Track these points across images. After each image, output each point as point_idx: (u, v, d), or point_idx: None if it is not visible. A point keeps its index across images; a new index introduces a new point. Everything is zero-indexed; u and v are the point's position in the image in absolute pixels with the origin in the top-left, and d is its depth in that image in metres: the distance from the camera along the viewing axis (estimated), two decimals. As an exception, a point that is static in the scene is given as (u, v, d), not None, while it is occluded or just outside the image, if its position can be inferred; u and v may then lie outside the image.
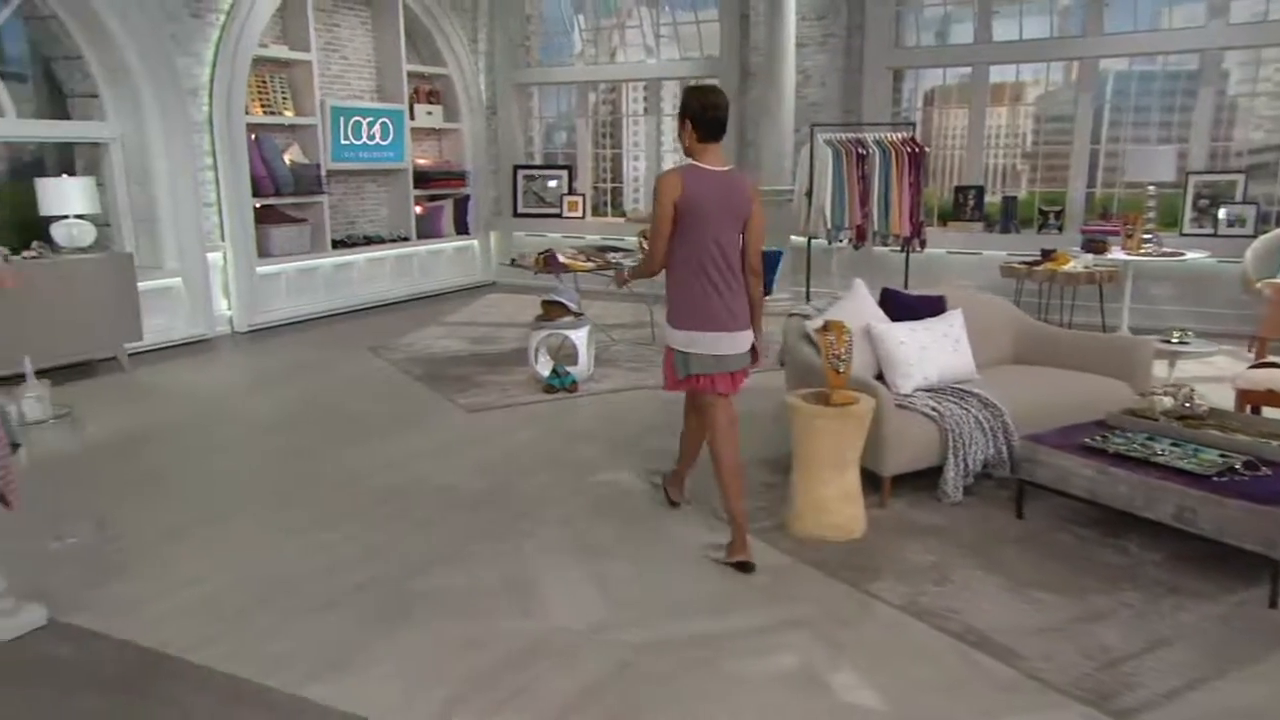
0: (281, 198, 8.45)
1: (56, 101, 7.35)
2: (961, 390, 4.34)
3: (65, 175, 6.51)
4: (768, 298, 7.26)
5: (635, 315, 8.43)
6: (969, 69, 8.49)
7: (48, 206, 6.18)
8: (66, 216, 6.26)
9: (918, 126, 8.20)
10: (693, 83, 3.99)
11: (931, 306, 4.72)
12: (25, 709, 2.74)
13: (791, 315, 4.87)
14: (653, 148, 10.48)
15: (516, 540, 3.87)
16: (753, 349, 3.70)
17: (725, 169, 3.57)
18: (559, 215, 10.65)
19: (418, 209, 10.05)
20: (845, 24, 8.73)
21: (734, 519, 3.64)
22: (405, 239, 9.88)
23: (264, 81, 8.43)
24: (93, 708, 2.73)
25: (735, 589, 3.45)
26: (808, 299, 8.25)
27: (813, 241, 8.06)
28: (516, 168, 10.87)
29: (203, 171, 7.68)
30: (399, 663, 2.94)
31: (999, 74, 8.50)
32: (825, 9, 8.75)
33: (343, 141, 8.96)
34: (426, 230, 10.17)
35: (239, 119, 7.90)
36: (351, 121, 9.05)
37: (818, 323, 4.40)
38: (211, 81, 7.68)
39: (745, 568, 3.53)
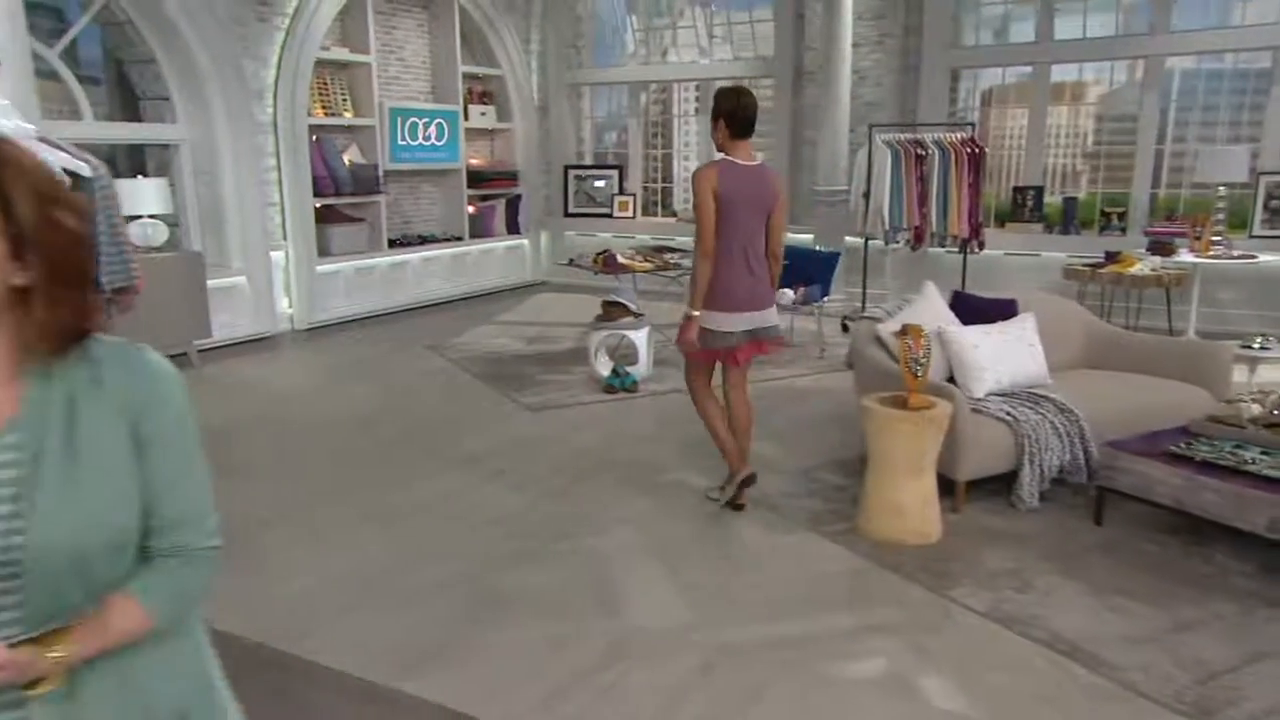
0: (341, 198, 8.58)
1: (129, 104, 7.53)
2: (1035, 395, 4.31)
3: (139, 176, 6.67)
4: (825, 299, 7.27)
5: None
6: (1029, 68, 8.38)
7: (124, 206, 6.33)
8: (141, 216, 6.42)
9: (976, 127, 8.11)
10: (729, 84, 4.32)
11: (1002, 310, 4.68)
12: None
13: (861, 318, 4.85)
14: (704, 147, 10.46)
15: (592, 539, 3.92)
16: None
17: (755, 163, 4.04)
18: (609, 215, 10.69)
19: (470, 209, 10.15)
20: (902, 24, 8.67)
21: (743, 458, 4.20)
22: (458, 238, 9.98)
23: (325, 83, 8.57)
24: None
25: (815, 591, 3.47)
26: (863, 301, 8.22)
27: (868, 243, 8.02)
28: (567, 168, 10.93)
29: (267, 172, 7.83)
30: (492, 658, 3.00)
31: (1060, 73, 8.38)
32: (882, 9, 8.69)
33: (400, 142, 9.08)
34: (479, 230, 10.26)
35: (302, 120, 8.04)
36: (409, 123, 9.16)
37: (892, 326, 4.40)
38: (276, 84, 7.83)
39: (750, 480, 4.15)
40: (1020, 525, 3.98)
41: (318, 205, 8.32)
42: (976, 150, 7.52)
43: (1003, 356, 4.37)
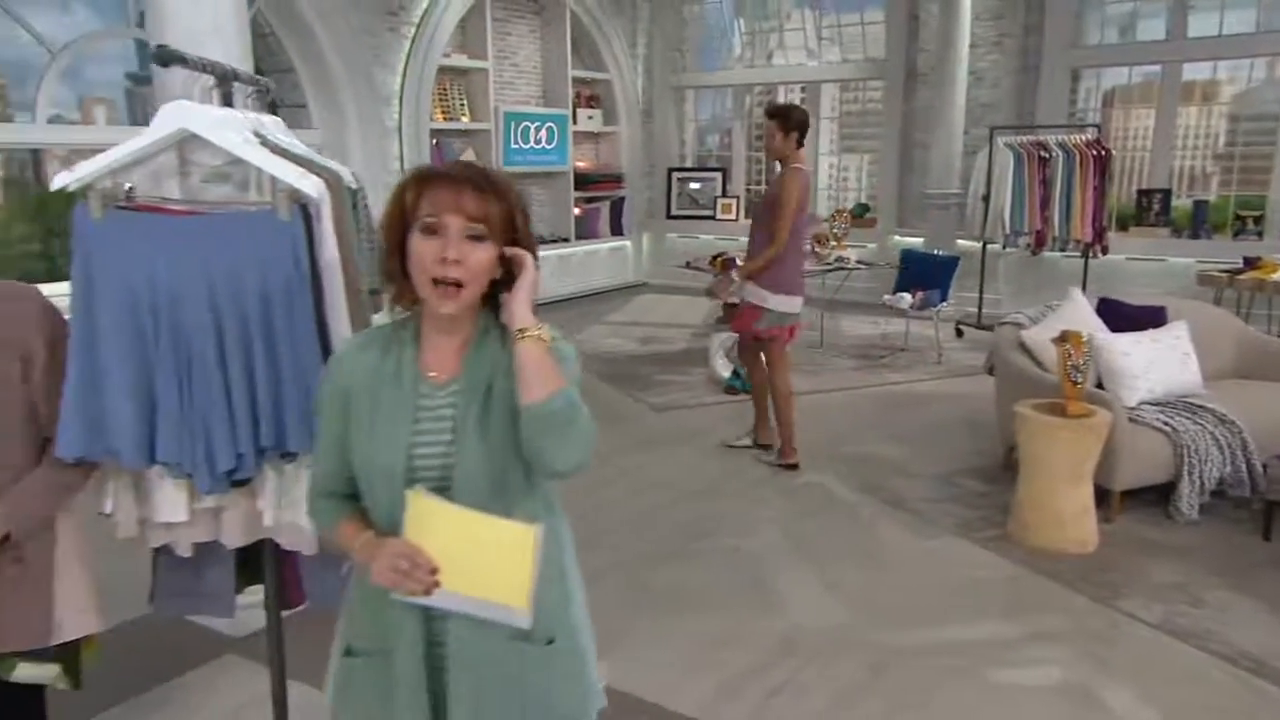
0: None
1: (269, 112, 7.89)
2: (1192, 404, 4.20)
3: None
4: (943, 304, 7.18)
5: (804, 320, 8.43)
6: (1157, 67, 8.11)
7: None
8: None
9: (1100, 128, 7.89)
10: (782, 101, 5.04)
11: (1152, 317, 4.57)
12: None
13: (1003, 323, 4.79)
14: (810, 149, 10.43)
15: (735, 539, 3.97)
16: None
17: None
18: (712, 217, 10.73)
19: (577, 210, 10.31)
20: (1022, 23, 8.49)
21: (786, 430, 4.77)
22: (565, 239, 10.16)
23: (445, 89, 8.83)
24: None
25: (971, 597, 3.46)
26: (979, 306, 8.09)
27: (985, 247, 7.90)
28: (670, 170, 11.02)
29: (391, 175, 8.10)
30: (662, 650, 3.08)
31: (1191, 72, 8.09)
32: (1001, 9, 8.52)
33: (513, 145, 9.28)
34: (584, 231, 10.42)
35: (425, 125, 8.30)
36: (521, 126, 9.36)
37: (1040, 332, 4.35)
38: (402, 90, 8.10)
39: (794, 468, 4.70)
40: (1180, 538, 3.89)
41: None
42: (1102, 152, 7.34)
43: (1155, 365, 4.26)
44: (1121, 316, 4.60)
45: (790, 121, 4.58)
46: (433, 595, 1.31)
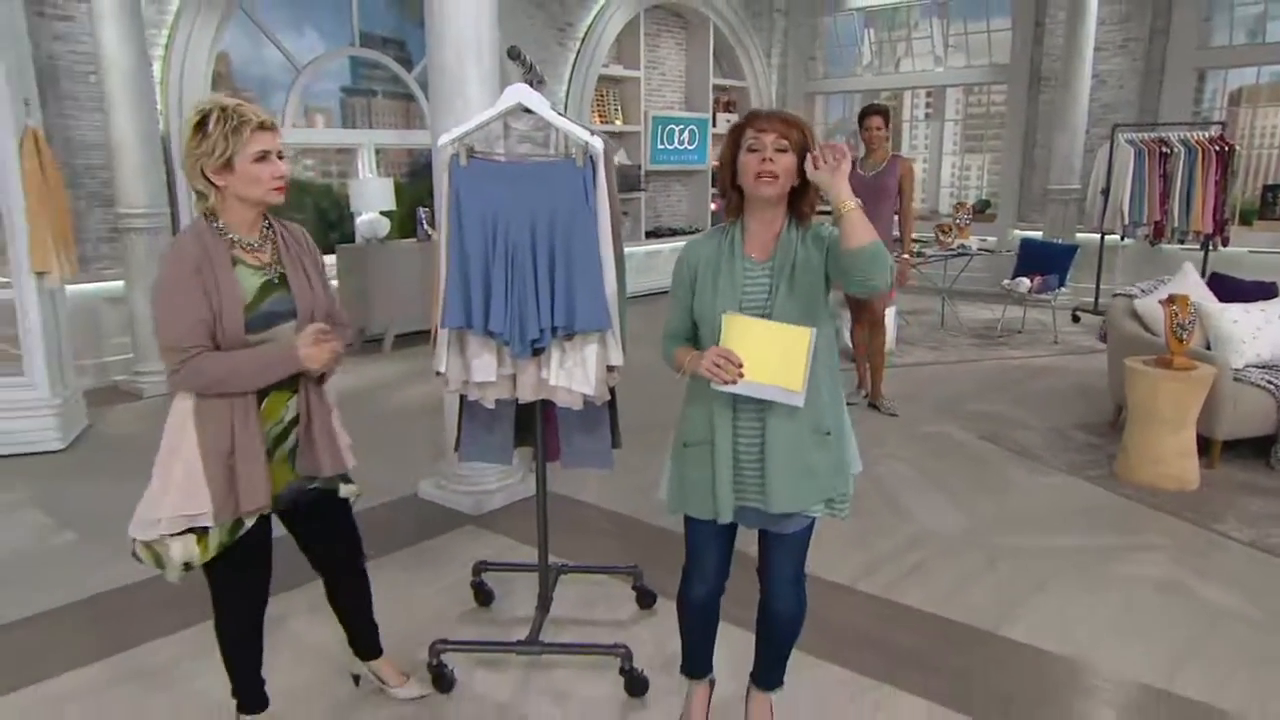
0: (611, 194, 9.54)
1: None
2: (1297, 368, 4.43)
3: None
4: (1061, 288, 7.41)
5: (924, 304, 8.77)
6: (1285, 67, 8.07)
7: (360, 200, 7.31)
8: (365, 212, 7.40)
9: (1225, 125, 7.91)
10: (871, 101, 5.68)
11: (1264, 291, 4.80)
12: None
13: (1116, 295, 5.10)
14: (934, 150, 10.70)
15: (871, 467, 4.44)
16: None
17: None
18: (838, 213, 11.09)
19: (713, 205, 10.89)
20: (1148, 26, 8.56)
21: (880, 375, 5.47)
22: (702, 229, 10.75)
23: (602, 95, 9.57)
24: (599, 545, 3.60)
25: (1082, 517, 3.85)
26: (1096, 295, 8.23)
27: (1104, 238, 8.04)
28: (800, 169, 11.45)
29: (556, 171, 8.87)
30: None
31: (1321, 71, 8.00)
32: (1128, 13, 8.62)
33: (659, 146, 9.95)
34: (719, 222, 10.97)
35: (597, 129, 9.04)
36: (666, 128, 10.02)
37: (1152, 300, 4.66)
38: (567, 97, 8.88)
39: (884, 408, 5.39)
40: (1277, 482, 4.16)
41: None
42: (1225, 148, 7.39)
43: (1263, 332, 4.51)
44: (1232, 290, 4.84)
45: (889, 117, 5.19)
46: (738, 385, 1.89)
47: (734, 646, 2.57)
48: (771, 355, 1.89)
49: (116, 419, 5.44)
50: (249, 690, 2.35)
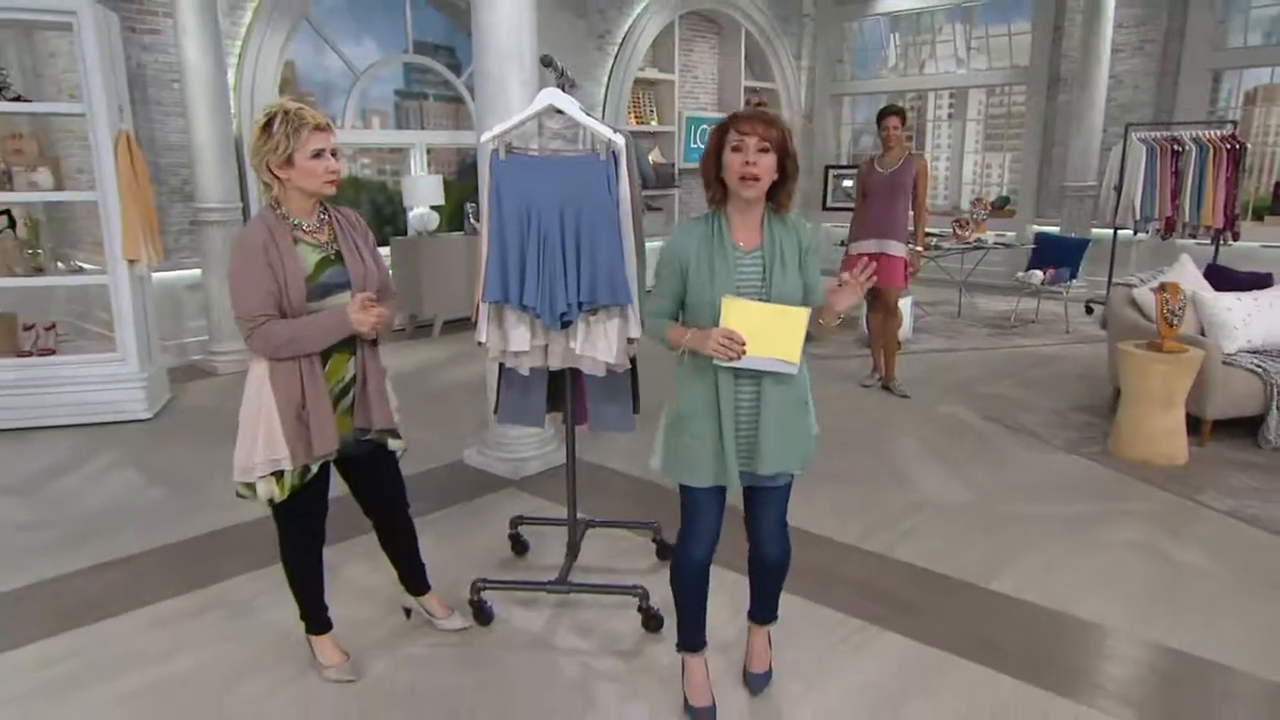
0: (646, 190, 9.75)
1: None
2: (1287, 353, 4.50)
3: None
4: (1072, 280, 7.46)
5: (943, 295, 8.86)
6: (1301, 67, 8.00)
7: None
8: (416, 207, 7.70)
9: (1238, 125, 7.87)
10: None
11: (1258, 282, 4.87)
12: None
13: (1117, 285, 5.19)
14: (956, 150, 10.73)
15: (882, 444, 4.64)
16: None
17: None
18: (863, 209, 11.18)
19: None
20: (1164, 29, 8.53)
21: (894, 359, 5.69)
22: (732, 227, 10.89)
23: (638, 97, 9.78)
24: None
25: (1075, 489, 3.99)
26: (1108, 288, 8.23)
27: (1117, 233, 8.05)
28: (828, 167, 11.55)
29: (594, 169, 9.10)
30: (821, 506, 3.80)
31: (1335, 71, 7.91)
32: (1145, 16, 8.59)
33: (692, 145, 10.13)
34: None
35: (622, 127, 9.24)
36: (700, 129, 10.19)
37: (1149, 286, 4.76)
38: (605, 99, 9.10)
39: (895, 390, 5.57)
40: (1262, 459, 4.26)
41: (629, 196, 9.52)
42: (1236, 145, 7.37)
43: (1254, 319, 4.59)
44: (1227, 280, 4.92)
45: (906, 118, 5.37)
46: (741, 360, 2.08)
47: (731, 591, 2.78)
48: (770, 333, 2.07)
49: (195, 393, 5.81)
50: (314, 614, 2.63)
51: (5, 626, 2.89)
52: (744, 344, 2.05)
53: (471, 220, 7.85)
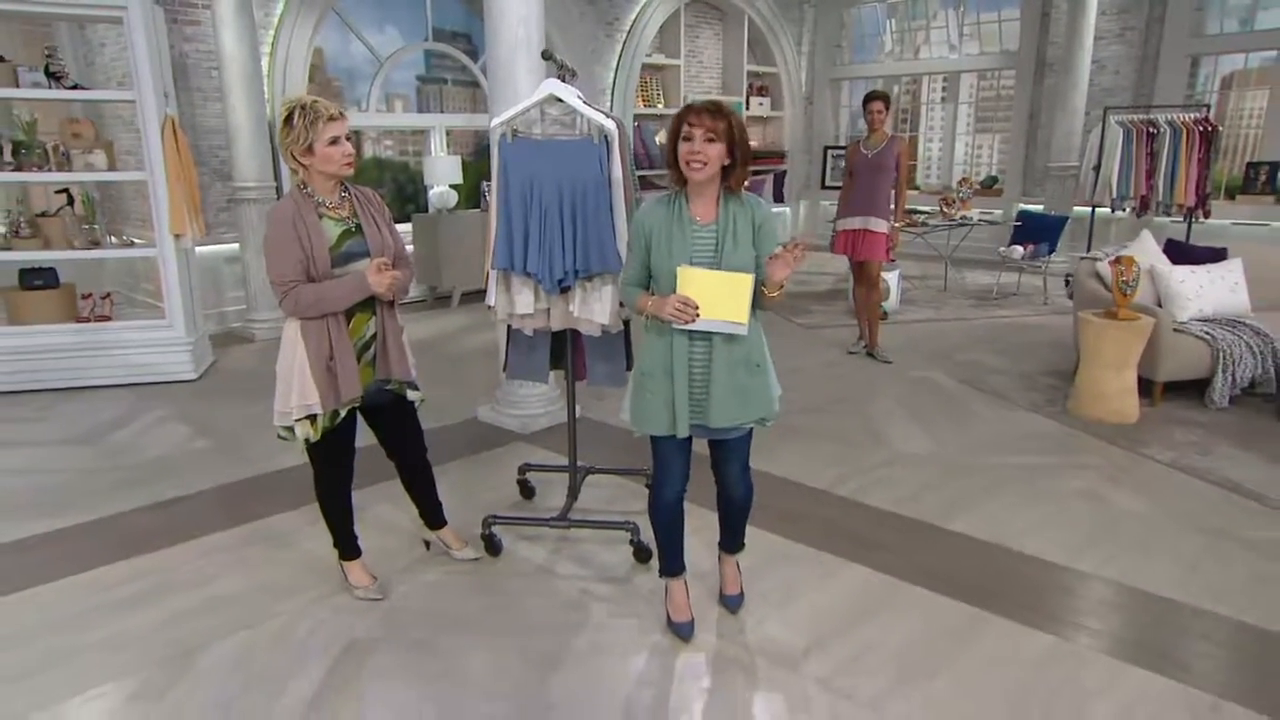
0: (654, 170, 9.88)
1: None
2: (1236, 322, 4.65)
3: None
4: (1051, 256, 7.56)
5: (929, 269, 8.98)
6: (1274, 52, 7.99)
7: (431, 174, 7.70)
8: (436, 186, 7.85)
9: (1212, 108, 7.91)
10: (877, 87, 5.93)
11: (1213, 256, 4.99)
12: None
13: (1083, 259, 5.33)
14: (949, 132, 10.77)
15: (861, 404, 4.82)
16: None
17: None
18: (859, 188, 11.25)
19: (747, 182, 11.13)
20: (1145, 16, 8.54)
21: (877, 327, 5.80)
22: (735, 205, 11.01)
23: (646, 82, 9.87)
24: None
25: (1032, 442, 4.18)
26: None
27: (1095, 212, 8.13)
28: (826, 148, 11.62)
29: (604, 150, 9.23)
30: (798, 457, 4.02)
31: (1306, 55, 7.91)
32: (1127, 4, 8.60)
33: (696, 128, 10.21)
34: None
35: (630, 110, 9.38)
36: (704, 112, 10.27)
37: (1107, 258, 4.89)
38: (614, 83, 9.21)
39: (879, 357, 5.70)
40: (1209, 417, 4.42)
41: (638, 176, 9.66)
42: (1208, 128, 7.42)
43: (1206, 290, 4.72)
44: (1185, 254, 5.04)
45: (889, 102, 5.49)
46: (695, 323, 2.25)
47: (709, 529, 2.97)
48: (720, 297, 2.22)
49: (235, 356, 6.06)
50: (346, 542, 2.87)
51: (75, 553, 3.16)
52: (697, 309, 2.21)
53: (487, 198, 8.02)
